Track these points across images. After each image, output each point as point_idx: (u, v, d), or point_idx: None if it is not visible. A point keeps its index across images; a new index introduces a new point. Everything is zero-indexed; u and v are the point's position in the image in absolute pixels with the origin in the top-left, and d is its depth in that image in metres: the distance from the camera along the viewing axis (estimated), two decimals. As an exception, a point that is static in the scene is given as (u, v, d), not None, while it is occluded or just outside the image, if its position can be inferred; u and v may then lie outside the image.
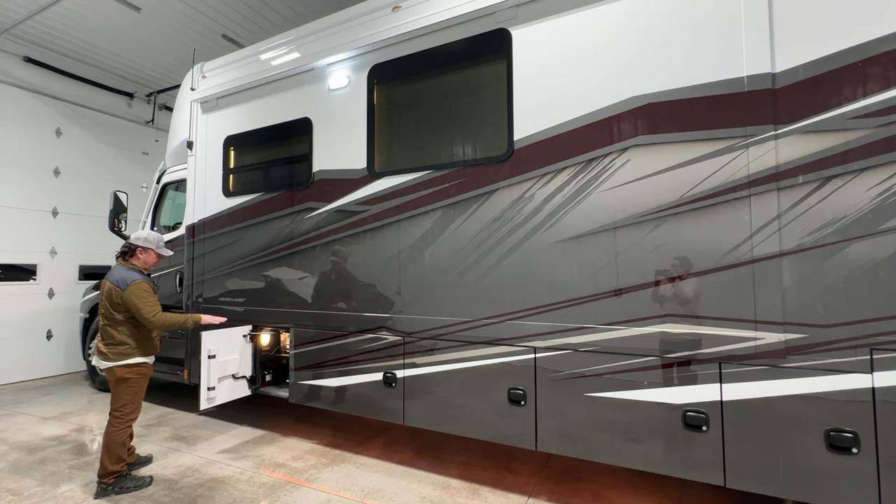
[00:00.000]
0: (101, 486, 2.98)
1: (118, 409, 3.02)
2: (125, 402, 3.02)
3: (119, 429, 3.00)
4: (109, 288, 3.05)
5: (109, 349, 3.00)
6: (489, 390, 2.95)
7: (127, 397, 3.03)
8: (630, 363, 2.55)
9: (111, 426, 3.01)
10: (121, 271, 3.09)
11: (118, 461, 3.02)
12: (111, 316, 3.04)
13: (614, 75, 2.65)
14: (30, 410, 4.88)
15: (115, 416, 3.01)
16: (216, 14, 5.83)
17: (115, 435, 2.99)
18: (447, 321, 3.11)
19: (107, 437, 3.00)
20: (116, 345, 3.01)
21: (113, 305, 3.02)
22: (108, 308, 3.04)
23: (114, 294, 3.02)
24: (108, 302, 3.04)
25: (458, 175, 3.13)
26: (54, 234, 6.58)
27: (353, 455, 3.65)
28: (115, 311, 3.02)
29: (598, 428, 2.63)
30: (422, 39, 3.31)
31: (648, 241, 2.52)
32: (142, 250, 3.20)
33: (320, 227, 3.72)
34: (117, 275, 3.08)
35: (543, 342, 2.79)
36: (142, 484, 3.09)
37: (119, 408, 3.02)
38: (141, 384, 3.10)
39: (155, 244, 3.24)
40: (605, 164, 2.65)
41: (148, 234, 3.26)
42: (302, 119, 3.89)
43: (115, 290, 3.02)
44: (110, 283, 3.06)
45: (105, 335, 3.04)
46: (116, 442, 3.00)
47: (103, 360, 3.02)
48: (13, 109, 6.21)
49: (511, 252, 2.91)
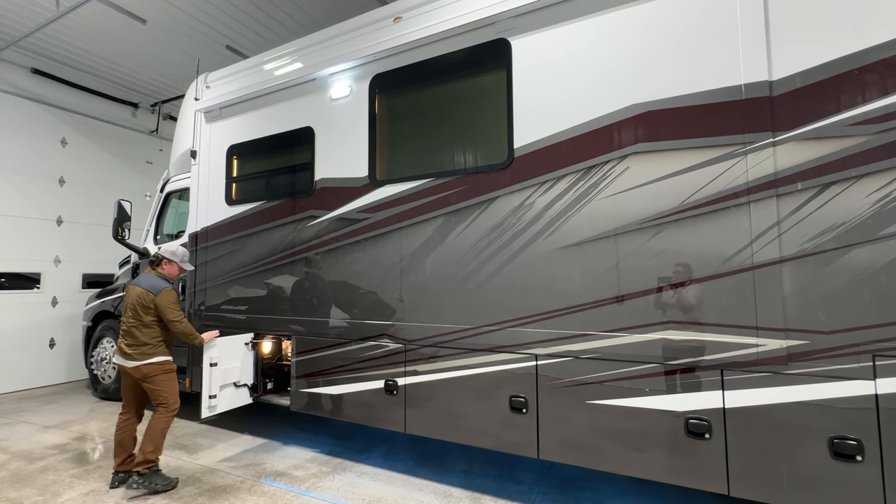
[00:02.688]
0: (136, 476, 3.09)
1: (162, 403, 3.20)
2: (165, 396, 3.21)
3: (165, 416, 3.19)
4: (141, 293, 3.25)
5: (133, 350, 3.18)
6: (491, 398, 2.95)
7: (165, 392, 3.21)
8: (632, 370, 2.55)
9: (159, 414, 3.19)
10: (151, 279, 3.34)
11: (156, 449, 3.16)
12: (140, 318, 3.21)
13: (613, 83, 2.67)
14: (31, 419, 4.88)
15: (165, 408, 3.20)
16: (220, 26, 5.92)
17: (160, 422, 3.18)
18: (448, 328, 3.12)
19: (151, 424, 3.17)
20: (139, 345, 3.19)
21: (143, 308, 3.22)
22: (137, 311, 3.22)
23: (145, 298, 3.23)
24: (138, 305, 3.22)
25: (458, 183, 3.15)
26: (58, 243, 6.63)
27: (355, 463, 3.63)
28: (144, 314, 3.22)
29: (601, 436, 2.62)
30: (422, 49, 3.36)
31: (649, 248, 2.53)
32: (167, 262, 3.45)
33: (322, 235, 3.74)
34: (148, 281, 3.32)
35: (545, 349, 2.79)
36: (169, 484, 3.18)
37: (162, 402, 3.20)
38: (171, 378, 3.28)
39: (180, 258, 3.50)
40: (604, 171, 2.67)
41: (176, 249, 3.53)
42: (304, 128, 3.93)
43: (146, 294, 3.24)
44: (141, 289, 3.27)
45: (129, 336, 3.21)
46: (158, 429, 3.16)
47: (127, 359, 3.18)
48: (20, 120, 6.29)
49: (512, 259, 2.92)
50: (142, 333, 3.20)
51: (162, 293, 3.25)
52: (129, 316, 3.24)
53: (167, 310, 3.22)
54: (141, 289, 3.26)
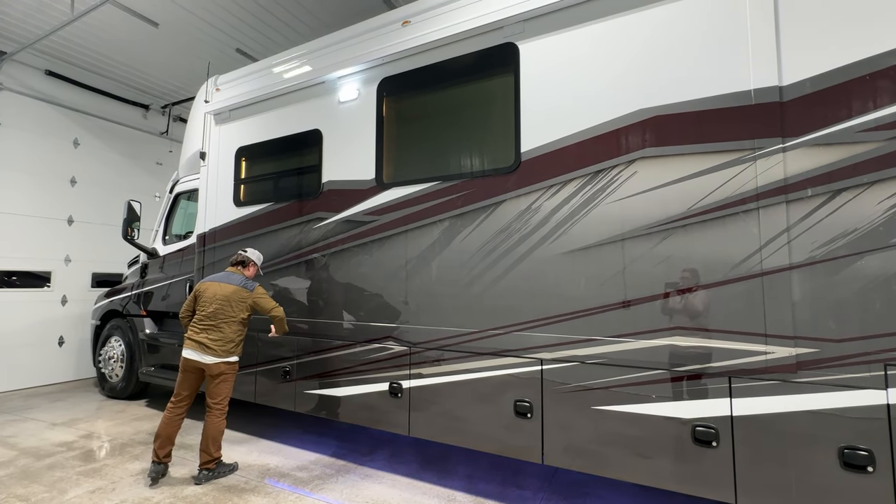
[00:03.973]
0: (205, 472, 3.29)
1: (219, 402, 3.33)
2: (225, 395, 3.35)
3: (221, 419, 3.33)
4: (235, 289, 3.41)
5: (218, 346, 3.29)
6: (495, 402, 2.93)
7: (226, 391, 3.36)
8: (638, 376, 2.53)
9: (215, 417, 3.31)
10: (240, 277, 3.53)
11: (219, 448, 3.36)
12: (233, 315, 3.36)
13: (621, 88, 2.67)
14: (39, 416, 4.93)
15: (217, 408, 3.32)
16: (231, 29, 5.99)
17: (219, 425, 3.32)
18: (453, 332, 3.11)
19: (212, 428, 3.30)
20: (226, 342, 3.32)
21: (236, 304, 3.38)
22: (233, 307, 3.37)
23: (241, 294, 3.41)
24: (230, 301, 3.37)
25: (465, 186, 3.15)
26: (69, 242, 6.71)
27: (358, 466, 3.63)
28: (237, 311, 3.38)
29: (606, 442, 2.60)
30: (431, 53, 3.37)
31: (656, 253, 2.51)
32: (253, 264, 3.69)
33: (329, 237, 3.76)
34: (239, 279, 3.50)
35: (550, 354, 2.77)
36: (233, 468, 3.48)
37: (220, 401, 3.33)
38: (234, 379, 3.44)
39: (260, 263, 3.76)
40: (611, 175, 2.66)
41: (259, 255, 3.76)
42: (312, 130, 3.96)
43: (241, 290, 3.43)
44: (234, 286, 3.43)
45: (215, 332, 3.31)
46: (219, 431, 3.33)
47: (209, 355, 3.26)
48: (34, 121, 6.39)
49: (517, 263, 2.91)
50: (232, 330, 3.34)
51: (257, 289, 3.50)
52: (214, 312, 3.32)
53: (267, 300, 3.49)
54: (234, 286, 3.42)
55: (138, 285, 5.63)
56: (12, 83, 6.17)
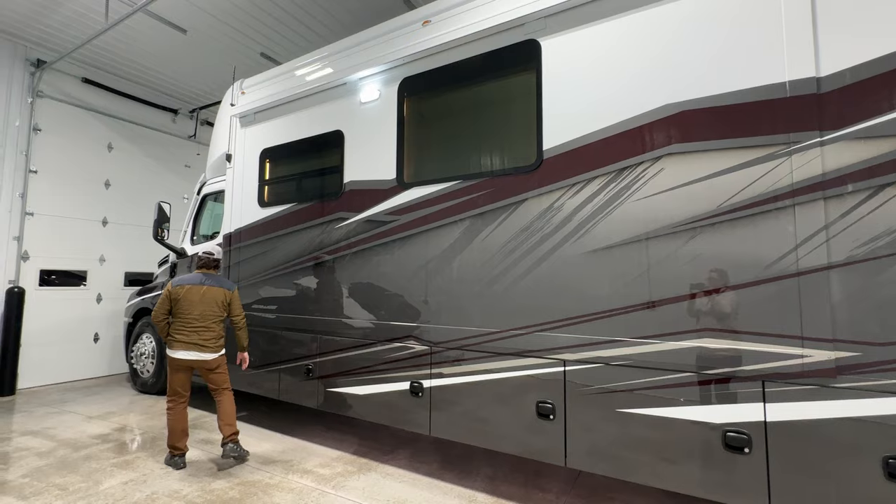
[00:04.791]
0: (231, 444, 3.56)
1: (226, 385, 3.70)
2: (227, 379, 3.73)
3: (231, 396, 3.70)
4: (218, 291, 3.67)
5: (212, 343, 3.58)
6: (517, 403, 2.90)
7: (227, 375, 3.73)
8: (665, 379, 2.46)
9: (227, 397, 3.68)
10: (222, 278, 3.82)
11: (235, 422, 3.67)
12: (216, 314, 3.63)
13: (647, 83, 2.60)
14: (76, 409, 5.15)
15: (226, 389, 3.69)
16: (255, 34, 6.13)
17: (232, 402, 3.69)
18: (475, 332, 3.10)
19: (229, 406, 3.65)
20: (218, 339, 3.63)
21: (220, 305, 3.65)
22: (217, 307, 3.63)
23: (226, 296, 3.70)
24: (217, 302, 3.64)
25: (486, 185, 3.13)
26: (103, 243, 6.99)
27: (380, 464, 3.65)
28: (221, 310, 3.66)
29: (631, 446, 2.53)
30: (451, 52, 3.37)
31: (684, 253, 2.44)
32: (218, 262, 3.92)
33: (350, 237, 3.79)
34: (222, 281, 3.78)
35: (573, 355, 2.73)
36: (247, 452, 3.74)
37: (226, 384, 3.71)
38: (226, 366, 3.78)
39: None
40: (637, 173, 2.60)
41: (219, 251, 3.97)
42: (334, 131, 4.01)
43: (226, 292, 3.71)
44: (218, 287, 3.69)
45: (207, 332, 3.57)
46: (233, 407, 3.68)
47: (206, 352, 3.54)
48: (72, 127, 6.68)
49: (540, 262, 2.87)
50: (220, 328, 3.65)
51: (235, 290, 3.78)
52: (205, 313, 3.57)
53: (240, 303, 3.79)
54: (219, 287, 3.69)
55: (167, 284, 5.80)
56: (51, 91, 6.47)
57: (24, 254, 6.15)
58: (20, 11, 5.60)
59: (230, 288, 3.76)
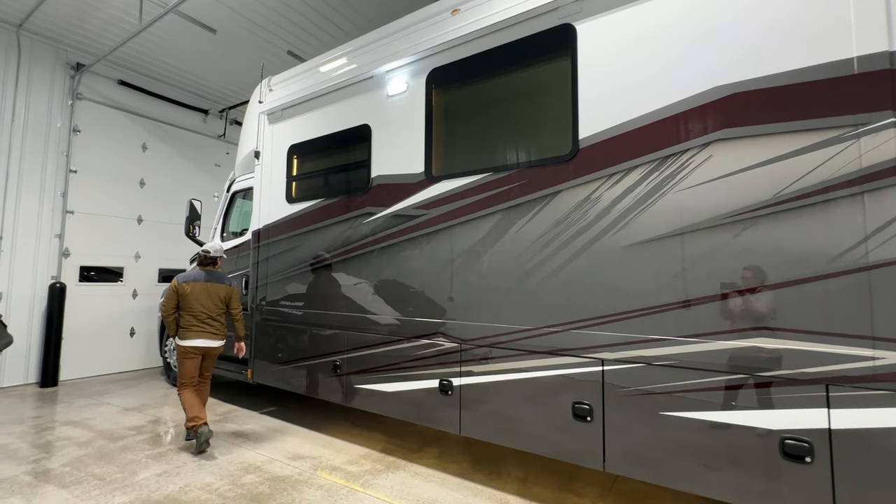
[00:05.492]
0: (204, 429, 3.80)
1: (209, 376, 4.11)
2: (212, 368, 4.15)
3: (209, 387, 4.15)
4: (220, 287, 4.02)
5: (219, 332, 3.98)
6: (552, 403, 2.79)
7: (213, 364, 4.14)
8: (714, 380, 2.30)
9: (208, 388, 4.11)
10: (222, 275, 4.16)
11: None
12: (219, 307, 4.00)
13: (693, 64, 2.43)
14: (113, 401, 5.31)
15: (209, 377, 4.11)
16: (283, 31, 6.17)
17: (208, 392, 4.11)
18: (507, 329, 2.99)
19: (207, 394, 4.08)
20: (223, 327, 4.02)
21: (222, 300, 4.01)
22: (218, 301, 3.99)
23: (227, 291, 4.05)
24: (217, 297, 3.99)
25: (518, 177, 3.02)
26: (138, 240, 7.20)
27: (408, 463, 3.59)
28: (222, 304, 4.02)
29: (675, 451, 2.38)
30: (481, 41, 3.26)
31: (735, 245, 2.27)
32: (220, 259, 4.23)
33: (378, 232, 3.74)
34: (222, 277, 4.13)
35: (612, 354, 2.59)
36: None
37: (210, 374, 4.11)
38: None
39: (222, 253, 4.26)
40: (682, 161, 2.44)
41: (220, 245, 4.24)
42: (361, 126, 3.97)
43: (227, 288, 4.06)
44: (222, 284, 4.04)
45: (217, 322, 3.97)
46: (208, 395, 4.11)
47: (216, 340, 3.95)
48: (109, 128, 6.90)
49: (576, 257, 2.74)
50: (223, 318, 4.03)
51: (234, 286, 4.10)
52: (210, 305, 3.93)
53: (238, 298, 4.11)
54: (222, 284, 4.04)
55: (199, 280, 5.92)
56: (90, 93, 6.69)
57: (65, 251, 6.39)
58: (61, 17, 5.80)
59: (231, 284, 4.11)
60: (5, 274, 5.84)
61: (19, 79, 6.00)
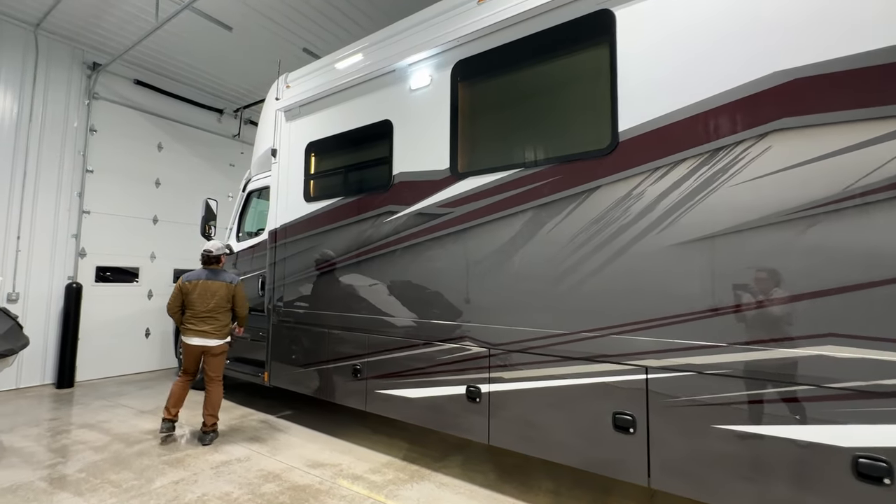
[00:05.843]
0: (212, 434, 3.94)
1: (218, 374, 4.02)
2: (222, 370, 4.05)
3: (221, 387, 4.05)
4: (225, 284, 4.03)
5: (218, 331, 3.96)
6: (590, 413, 2.61)
7: (223, 365, 4.07)
8: (774, 392, 2.11)
9: (218, 387, 4.02)
10: (224, 273, 4.15)
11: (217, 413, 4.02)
12: (224, 305, 4.00)
13: (749, 49, 2.25)
14: (129, 403, 5.24)
15: (217, 379, 4.02)
16: (298, 28, 6.07)
17: (220, 393, 4.02)
18: (539, 333, 2.83)
19: (216, 396, 4.00)
20: (223, 327, 4.00)
21: (226, 297, 4.00)
22: (223, 299, 3.98)
23: (230, 288, 4.03)
24: (219, 295, 3.97)
25: (551, 173, 2.85)
26: (154, 240, 7.15)
27: (432, 472, 3.44)
28: (225, 302, 4.00)
29: (728, 467, 2.20)
30: (511, 30, 3.10)
31: (799, 244, 2.08)
32: (224, 255, 4.29)
33: (400, 231, 3.60)
34: (227, 275, 4.13)
35: (657, 361, 2.41)
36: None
37: (219, 373, 4.02)
38: (226, 356, 4.14)
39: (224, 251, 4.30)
40: (736, 153, 2.25)
41: (221, 244, 4.29)
42: (382, 121, 3.83)
43: (228, 285, 4.04)
44: (223, 282, 4.03)
45: (215, 321, 3.96)
46: (220, 397, 4.02)
47: (211, 339, 3.93)
48: (125, 127, 6.87)
49: (616, 257, 2.57)
50: (226, 318, 4.02)
51: (239, 283, 4.08)
52: (211, 304, 3.94)
53: (244, 295, 4.06)
54: (224, 282, 4.02)
55: (214, 281, 5.84)
56: (106, 93, 6.66)
57: (81, 251, 6.36)
58: (78, 16, 5.77)
59: (233, 281, 4.07)
60: (22, 274, 5.81)
61: (37, 78, 5.98)
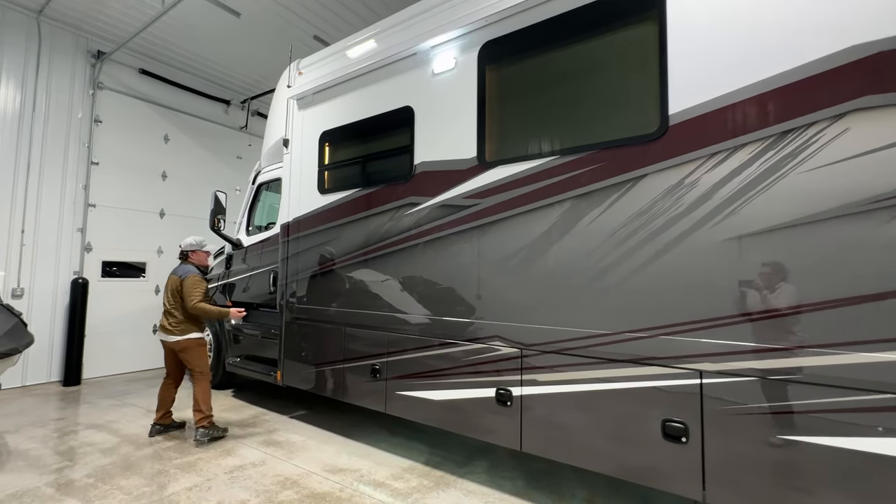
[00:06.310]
0: (202, 430, 3.79)
1: (198, 369, 3.89)
2: (199, 365, 3.90)
3: (203, 382, 3.88)
4: (174, 279, 3.97)
5: (174, 327, 3.86)
6: (636, 420, 2.42)
7: (197, 359, 3.90)
8: (852, 400, 1.90)
9: (199, 381, 3.86)
10: (184, 267, 4.05)
11: (209, 408, 3.87)
12: (177, 300, 3.89)
13: (822, 19, 2.02)
14: (137, 402, 5.09)
15: (199, 373, 3.88)
16: (309, 14, 5.86)
17: (204, 387, 3.86)
18: (577, 333, 2.62)
19: (198, 390, 3.83)
20: (179, 324, 3.86)
21: (174, 293, 3.91)
22: (176, 293, 3.90)
23: (176, 283, 3.93)
24: (174, 290, 3.91)
25: (591, 160, 2.64)
26: (161, 234, 6.99)
27: (457, 478, 3.26)
28: (176, 297, 3.90)
29: (799, 480, 2.00)
30: (546, 7, 2.88)
31: (879, 237, 1.87)
32: (193, 252, 4.15)
33: (422, 224, 3.40)
34: (182, 268, 4.03)
35: (713, 365, 2.21)
36: (224, 431, 3.99)
37: (199, 368, 3.89)
38: (203, 351, 3.97)
39: (199, 246, 4.19)
40: (807, 136, 2.03)
41: (192, 240, 4.19)
42: (402, 108, 3.62)
43: (177, 279, 3.95)
44: (175, 276, 3.98)
45: (170, 317, 3.89)
46: (204, 392, 3.85)
47: (169, 335, 3.86)
48: (130, 118, 6.69)
49: (666, 251, 2.36)
50: (179, 313, 3.87)
51: (188, 278, 3.90)
52: (168, 299, 3.92)
53: (186, 294, 3.83)
54: (175, 276, 3.98)
55: (223, 276, 5.68)
56: (111, 82, 6.48)
57: (87, 245, 6.20)
58: (81, 2, 5.58)
59: (182, 275, 3.94)
60: (27, 269, 5.66)
61: (40, 67, 5.79)
